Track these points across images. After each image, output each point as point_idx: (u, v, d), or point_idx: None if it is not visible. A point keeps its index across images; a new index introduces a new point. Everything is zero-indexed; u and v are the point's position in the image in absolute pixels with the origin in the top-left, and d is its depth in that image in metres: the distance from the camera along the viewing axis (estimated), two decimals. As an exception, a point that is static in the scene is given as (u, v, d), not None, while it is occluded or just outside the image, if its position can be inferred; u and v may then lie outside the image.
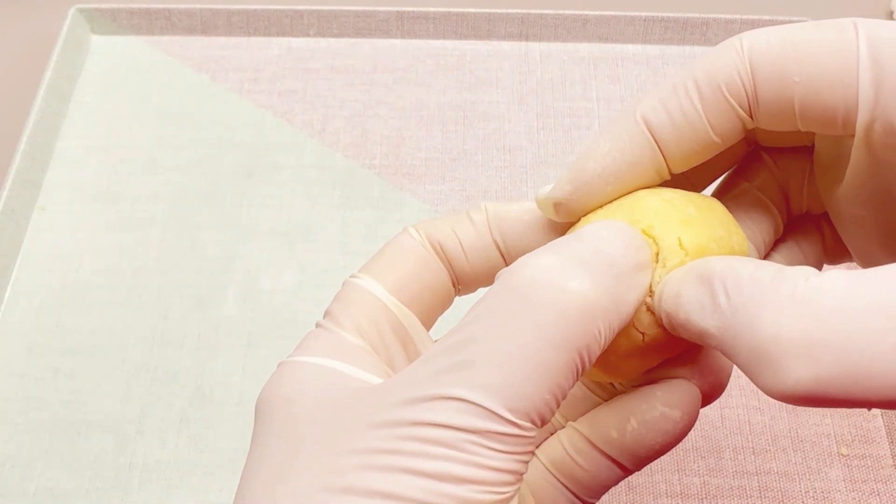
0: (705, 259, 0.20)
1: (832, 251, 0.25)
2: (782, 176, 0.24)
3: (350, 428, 0.19)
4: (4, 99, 0.52)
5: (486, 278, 0.24)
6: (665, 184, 0.23)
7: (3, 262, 0.44)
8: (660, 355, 0.22)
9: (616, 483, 0.23)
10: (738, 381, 0.41)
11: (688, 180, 0.25)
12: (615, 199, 0.22)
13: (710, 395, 0.22)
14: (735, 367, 0.22)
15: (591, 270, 0.19)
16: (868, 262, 0.23)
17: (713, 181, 0.25)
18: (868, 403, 0.16)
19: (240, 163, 0.48)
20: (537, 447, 0.24)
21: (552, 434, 0.24)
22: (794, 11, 0.54)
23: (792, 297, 0.16)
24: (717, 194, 0.25)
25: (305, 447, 0.19)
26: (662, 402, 0.21)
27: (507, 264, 0.23)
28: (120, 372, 0.41)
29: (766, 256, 0.25)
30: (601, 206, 0.23)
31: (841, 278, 0.16)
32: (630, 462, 0.22)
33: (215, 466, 0.39)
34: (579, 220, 0.23)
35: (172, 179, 0.48)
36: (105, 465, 0.39)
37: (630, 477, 0.38)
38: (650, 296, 0.21)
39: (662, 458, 0.39)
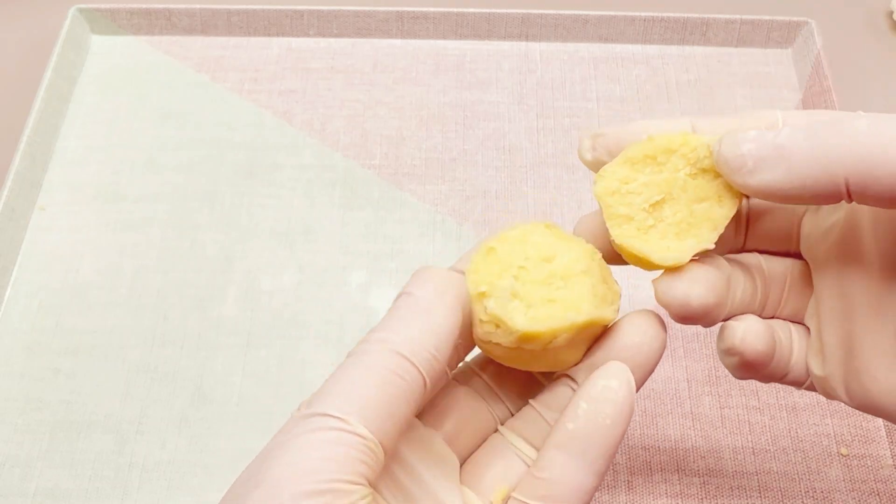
0: None
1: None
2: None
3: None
4: (4, 99, 0.52)
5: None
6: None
7: (3, 262, 0.44)
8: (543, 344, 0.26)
9: (590, 495, 0.25)
10: (737, 380, 0.41)
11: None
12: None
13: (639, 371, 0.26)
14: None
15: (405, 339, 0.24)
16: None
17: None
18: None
19: (240, 163, 0.48)
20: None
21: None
22: (794, 12, 0.54)
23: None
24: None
25: None
26: (601, 376, 0.25)
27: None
28: (120, 372, 0.41)
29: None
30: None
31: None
32: (591, 451, 0.24)
33: (215, 466, 0.39)
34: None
35: (172, 179, 0.48)
36: (105, 465, 0.39)
37: (630, 477, 0.38)
38: (485, 318, 0.26)
39: (662, 457, 0.39)
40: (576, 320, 0.25)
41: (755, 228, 0.28)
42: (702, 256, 0.26)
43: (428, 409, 0.28)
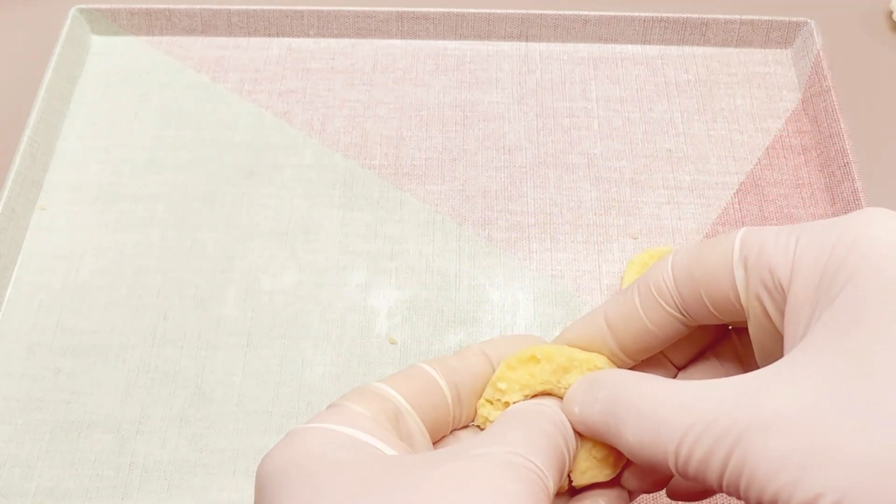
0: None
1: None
2: (741, 346, 0.30)
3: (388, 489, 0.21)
4: (4, 99, 0.52)
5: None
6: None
7: (3, 262, 0.44)
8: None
9: None
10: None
11: (676, 354, 0.30)
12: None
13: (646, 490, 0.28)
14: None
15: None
16: None
17: (693, 355, 0.30)
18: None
19: (240, 163, 0.49)
20: None
21: None
22: (794, 11, 0.54)
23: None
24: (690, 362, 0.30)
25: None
26: (605, 501, 0.27)
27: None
28: (120, 372, 0.41)
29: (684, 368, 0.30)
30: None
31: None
32: None
33: (215, 466, 0.39)
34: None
35: (172, 179, 0.48)
36: (105, 465, 0.39)
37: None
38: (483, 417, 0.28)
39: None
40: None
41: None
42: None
43: None
